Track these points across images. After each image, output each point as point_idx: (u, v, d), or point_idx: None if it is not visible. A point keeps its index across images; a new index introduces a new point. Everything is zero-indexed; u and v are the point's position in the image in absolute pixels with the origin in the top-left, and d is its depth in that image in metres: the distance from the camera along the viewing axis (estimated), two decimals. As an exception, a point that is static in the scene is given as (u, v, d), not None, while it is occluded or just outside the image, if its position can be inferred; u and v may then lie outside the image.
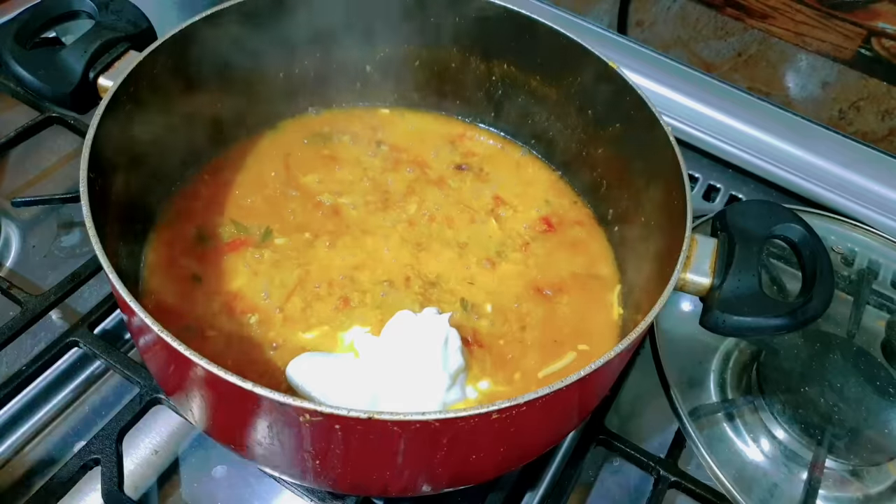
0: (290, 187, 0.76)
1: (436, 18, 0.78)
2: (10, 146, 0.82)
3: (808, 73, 1.03)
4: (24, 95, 0.86)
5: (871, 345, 0.76)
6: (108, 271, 0.50)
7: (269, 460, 0.56)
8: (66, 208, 0.81)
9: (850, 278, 0.82)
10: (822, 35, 0.98)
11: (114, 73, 0.65)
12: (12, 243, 0.78)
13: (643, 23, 1.11)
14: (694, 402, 0.70)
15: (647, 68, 0.99)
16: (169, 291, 0.66)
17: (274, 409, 0.48)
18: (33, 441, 0.66)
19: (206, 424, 0.58)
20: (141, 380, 0.65)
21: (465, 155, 0.83)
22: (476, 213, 0.77)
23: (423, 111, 0.87)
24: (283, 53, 0.78)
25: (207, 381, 0.49)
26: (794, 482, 0.67)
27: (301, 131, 0.82)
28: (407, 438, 0.48)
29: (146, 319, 0.48)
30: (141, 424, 0.64)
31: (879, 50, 0.96)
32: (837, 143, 0.97)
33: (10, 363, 0.68)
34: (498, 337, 0.67)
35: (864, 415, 0.69)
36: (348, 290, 0.68)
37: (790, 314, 0.55)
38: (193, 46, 0.68)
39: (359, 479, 0.56)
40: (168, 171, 0.72)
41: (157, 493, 0.64)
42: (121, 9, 0.69)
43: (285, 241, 0.71)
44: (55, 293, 0.69)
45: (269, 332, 0.65)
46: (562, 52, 0.74)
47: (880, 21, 0.94)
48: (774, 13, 1.00)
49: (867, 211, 0.92)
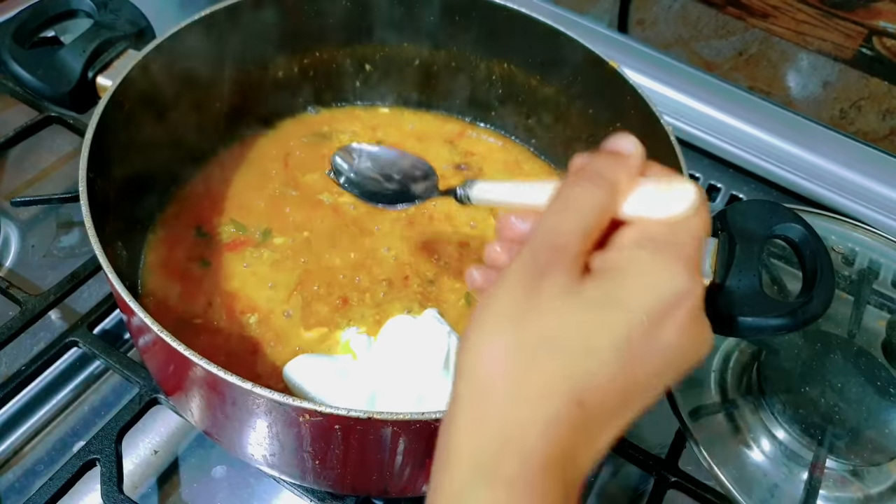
0: (290, 187, 0.76)
1: (435, 17, 0.78)
2: (8, 146, 0.81)
3: (809, 72, 1.02)
4: (23, 95, 0.86)
5: (872, 345, 0.75)
6: (108, 271, 0.50)
7: (269, 460, 0.56)
8: (65, 208, 0.81)
9: (850, 278, 0.82)
10: (823, 34, 0.98)
11: (112, 72, 0.65)
12: (11, 243, 0.78)
13: (644, 22, 1.11)
14: (694, 402, 0.70)
15: (648, 67, 0.99)
16: (168, 291, 0.66)
17: (273, 409, 0.48)
18: (32, 441, 0.66)
19: (206, 424, 0.58)
20: (140, 380, 0.65)
21: (464, 154, 0.83)
22: (476, 212, 0.77)
23: (423, 110, 0.87)
24: (283, 52, 0.78)
25: (207, 381, 0.49)
26: (795, 482, 0.66)
27: (301, 130, 0.82)
28: (407, 438, 0.48)
29: (145, 319, 0.48)
30: (140, 424, 0.64)
31: (880, 49, 0.96)
32: (838, 143, 0.96)
33: (9, 363, 0.68)
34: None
35: (864, 415, 0.68)
36: (348, 290, 0.68)
37: (791, 314, 0.55)
38: (192, 45, 0.68)
39: (358, 479, 0.56)
40: (167, 170, 0.72)
41: (156, 494, 0.64)
42: (119, 8, 0.69)
43: (284, 240, 0.71)
44: (54, 293, 0.69)
45: (269, 332, 0.65)
46: (562, 51, 0.73)
47: (881, 20, 0.94)
48: (775, 12, 1.00)
49: (868, 211, 0.92)
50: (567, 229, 0.36)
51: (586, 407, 0.33)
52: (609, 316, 0.34)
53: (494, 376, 0.34)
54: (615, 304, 0.34)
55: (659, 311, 0.34)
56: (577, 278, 0.35)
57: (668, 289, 0.35)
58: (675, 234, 0.36)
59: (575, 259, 0.35)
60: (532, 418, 0.33)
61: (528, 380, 0.33)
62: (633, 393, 0.35)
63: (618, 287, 0.35)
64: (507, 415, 0.33)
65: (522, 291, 0.35)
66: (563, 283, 0.34)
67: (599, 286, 0.35)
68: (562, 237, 0.36)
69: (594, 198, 0.36)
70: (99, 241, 0.51)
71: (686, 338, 0.35)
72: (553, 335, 0.34)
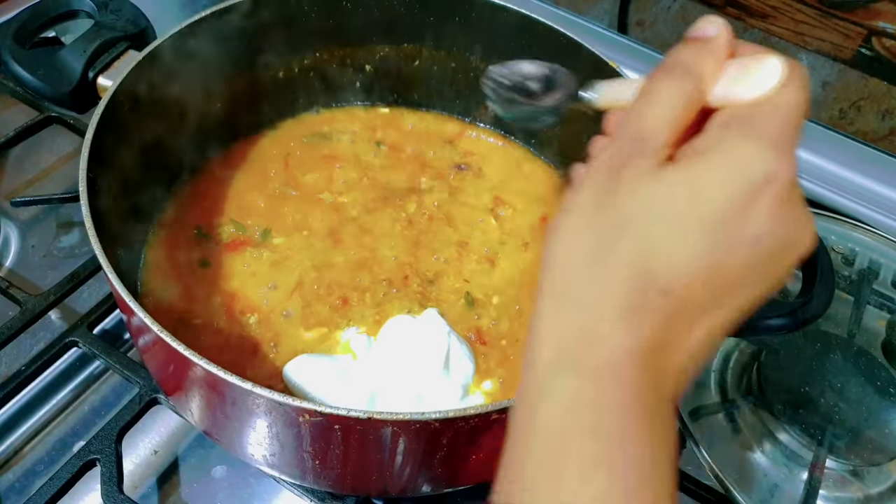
0: (290, 187, 0.76)
1: (435, 17, 0.78)
2: (9, 146, 0.81)
3: (809, 72, 1.02)
4: (24, 95, 0.86)
5: (872, 345, 0.76)
6: (108, 271, 0.50)
7: (269, 460, 0.56)
8: (65, 208, 0.81)
9: (850, 278, 0.82)
10: (822, 34, 0.98)
11: (113, 72, 0.65)
12: (11, 243, 0.78)
13: (643, 23, 1.11)
14: (694, 402, 0.70)
15: (648, 68, 0.99)
16: (168, 291, 0.66)
17: (273, 410, 0.47)
18: (32, 441, 0.66)
19: (206, 425, 0.58)
20: (140, 380, 0.65)
21: (464, 154, 0.83)
22: (476, 211, 0.77)
23: (423, 110, 0.87)
24: (284, 53, 0.78)
25: (207, 381, 0.49)
26: (795, 482, 0.66)
27: (301, 130, 0.82)
28: (407, 439, 0.48)
29: (145, 319, 0.48)
30: (140, 424, 0.64)
31: (880, 49, 0.96)
32: (838, 143, 0.96)
33: (9, 363, 0.68)
34: (499, 337, 0.67)
35: (864, 415, 0.68)
36: (347, 290, 0.68)
37: (791, 314, 0.55)
38: (193, 46, 0.68)
39: (358, 479, 0.56)
40: (167, 170, 0.72)
41: (156, 494, 0.64)
42: (120, 8, 0.69)
43: (284, 240, 0.71)
44: (54, 293, 0.69)
45: (269, 332, 0.65)
46: (562, 51, 0.73)
47: (880, 20, 0.94)
48: (775, 13, 1.00)
49: (868, 211, 0.92)
50: (651, 122, 0.35)
51: (672, 296, 0.32)
52: (691, 199, 0.32)
53: (574, 263, 0.34)
54: (698, 186, 0.32)
55: (745, 193, 0.32)
56: (661, 165, 0.34)
57: (753, 170, 0.32)
58: (762, 112, 0.34)
59: (659, 149, 0.34)
60: (612, 305, 0.32)
61: (606, 265, 0.33)
62: (724, 287, 0.33)
63: (701, 170, 0.33)
64: (588, 302, 0.33)
65: (605, 179, 0.34)
66: (645, 168, 0.33)
67: (682, 170, 0.33)
68: (646, 129, 0.35)
69: (679, 90, 0.35)
70: (99, 242, 0.51)
71: (779, 225, 0.33)
72: (631, 218, 0.33)
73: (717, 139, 0.34)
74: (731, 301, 0.33)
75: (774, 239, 0.33)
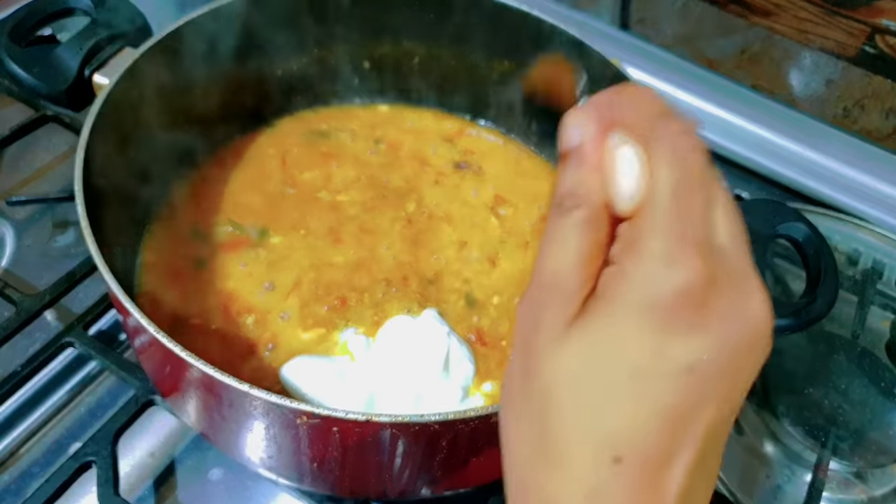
0: (288, 185, 0.75)
1: (435, 15, 0.78)
2: (4, 145, 0.81)
3: (812, 70, 1.02)
4: (19, 93, 0.85)
5: (876, 345, 0.75)
6: (104, 271, 0.50)
7: (266, 463, 0.56)
8: (60, 207, 0.80)
9: (854, 278, 0.82)
10: (825, 32, 0.98)
11: (109, 70, 0.64)
12: (7, 243, 0.77)
13: (645, 20, 1.11)
14: (696, 403, 0.70)
15: (650, 65, 0.99)
16: (164, 291, 0.66)
17: (271, 411, 0.47)
18: (28, 443, 0.65)
19: (203, 426, 0.58)
20: (136, 381, 0.64)
21: (464, 152, 0.82)
22: (476, 210, 0.77)
23: (422, 108, 0.86)
24: (281, 50, 0.78)
25: (203, 382, 0.49)
26: (798, 484, 0.66)
27: (299, 129, 0.81)
28: (406, 440, 0.48)
29: (141, 320, 0.47)
30: (136, 426, 0.64)
31: (883, 47, 0.95)
32: (842, 141, 0.96)
33: (4, 364, 0.68)
34: (500, 338, 0.67)
35: (868, 416, 0.68)
36: (346, 290, 0.67)
37: (794, 314, 0.55)
38: (189, 44, 0.68)
39: (357, 481, 0.56)
40: (164, 169, 0.72)
41: (152, 496, 0.63)
42: (117, 6, 0.68)
43: (282, 240, 0.71)
44: (50, 293, 0.69)
45: (266, 333, 0.64)
46: (563, 48, 0.73)
47: (884, 18, 0.93)
48: (778, 10, 0.99)
49: (872, 210, 0.91)
50: (558, 265, 0.31)
51: (625, 461, 0.29)
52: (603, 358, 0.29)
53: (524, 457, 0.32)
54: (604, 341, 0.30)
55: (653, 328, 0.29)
56: (571, 322, 0.30)
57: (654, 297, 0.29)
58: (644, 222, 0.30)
59: (573, 295, 0.31)
60: (572, 493, 0.30)
61: (549, 454, 0.30)
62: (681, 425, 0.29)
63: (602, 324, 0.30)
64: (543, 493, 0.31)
65: (521, 354, 0.32)
66: (557, 332, 0.30)
67: (587, 330, 0.30)
68: (556, 273, 0.31)
69: (573, 225, 0.31)
70: (95, 241, 0.51)
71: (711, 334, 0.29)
72: (555, 399, 0.30)
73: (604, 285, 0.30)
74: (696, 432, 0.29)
75: (711, 350, 0.29)
